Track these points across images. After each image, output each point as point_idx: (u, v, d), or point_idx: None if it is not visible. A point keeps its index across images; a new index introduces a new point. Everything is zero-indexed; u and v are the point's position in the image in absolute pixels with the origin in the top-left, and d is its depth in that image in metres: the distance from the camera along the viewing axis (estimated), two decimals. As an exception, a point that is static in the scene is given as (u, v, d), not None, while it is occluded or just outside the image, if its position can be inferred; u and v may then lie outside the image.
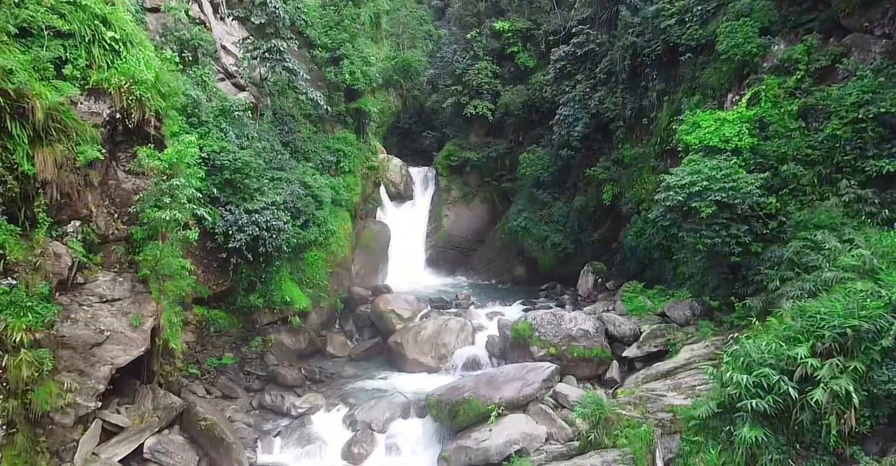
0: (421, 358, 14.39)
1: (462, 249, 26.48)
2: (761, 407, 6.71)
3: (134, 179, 7.73)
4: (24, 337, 6.09)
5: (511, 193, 25.03)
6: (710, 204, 10.56)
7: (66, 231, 6.97)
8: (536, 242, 22.01)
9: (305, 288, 16.03)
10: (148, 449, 8.70)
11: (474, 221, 26.71)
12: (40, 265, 6.48)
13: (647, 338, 11.15)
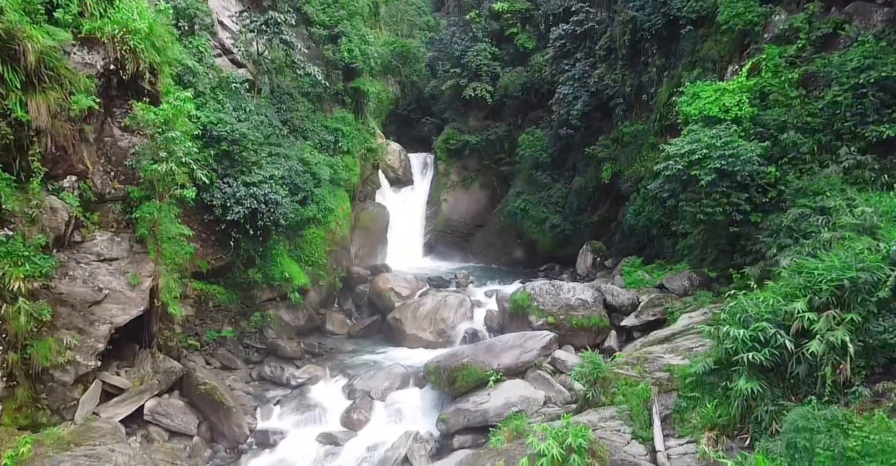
0: (420, 333, 14.45)
1: (461, 234, 26.45)
2: (757, 360, 6.74)
3: (130, 137, 7.67)
4: (22, 285, 6.08)
5: (510, 177, 24.97)
6: (709, 172, 10.54)
7: (62, 186, 6.92)
8: (535, 224, 22.01)
9: (304, 265, 16.03)
10: (148, 411, 8.75)
11: (473, 206, 26.66)
12: (37, 217, 6.44)
13: (646, 307, 11.19)
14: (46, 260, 6.58)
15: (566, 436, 6.21)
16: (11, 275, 5.99)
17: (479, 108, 26.16)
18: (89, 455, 7.42)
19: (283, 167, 14.29)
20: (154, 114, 7.10)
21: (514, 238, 23.58)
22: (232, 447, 9.41)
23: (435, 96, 30.39)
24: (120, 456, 7.69)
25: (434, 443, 9.26)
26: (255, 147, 13.13)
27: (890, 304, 6.46)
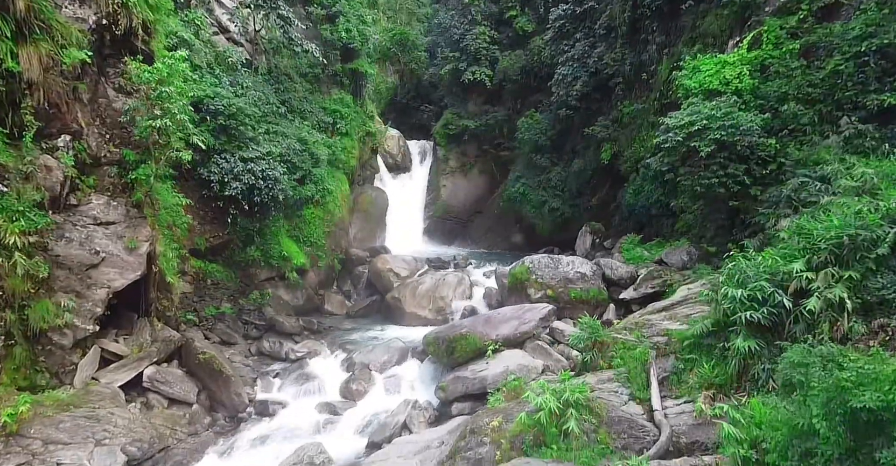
0: (419, 311, 14.48)
1: (460, 220, 26.44)
2: (755, 319, 6.75)
3: (125, 98, 7.59)
4: (18, 240, 6.04)
5: (509, 163, 24.89)
6: (709, 143, 10.48)
7: (57, 145, 6.85)
8: (534, 208, 21.98)
9: (303, 246, 16.02)
10: (147, 378, 8.76)
11: (472, 192, 26.62)
12: (31, 174, 6.39)
13: (644, 280, 11.19)
14: (42, 217, 6.54)
15: (563, 392, 6.23)
16: (7, 230, 5.95)
17: (477, 93, 26.01)
18: (89, 416, 7.45)
19: (281, 145, 14.22)
20: (148, 72, 7.02)
21: (513, 222, 23.56)
22: (231, 415, 9.44)
23: (434, 83, 30.20)
24: (120, 419, 7.73)
25: (433, 411, 9.29)
26: (253, 122, 13.04)
27: (889, 261, 6.45)
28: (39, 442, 6.93)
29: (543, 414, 6.02)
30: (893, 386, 3.70)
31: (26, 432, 6.85)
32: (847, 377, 3.88)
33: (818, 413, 4.01)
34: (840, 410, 3.87)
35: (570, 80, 18.57)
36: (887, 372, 3.79)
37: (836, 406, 3.88)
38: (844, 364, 4.03)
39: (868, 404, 3.68)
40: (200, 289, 13.45)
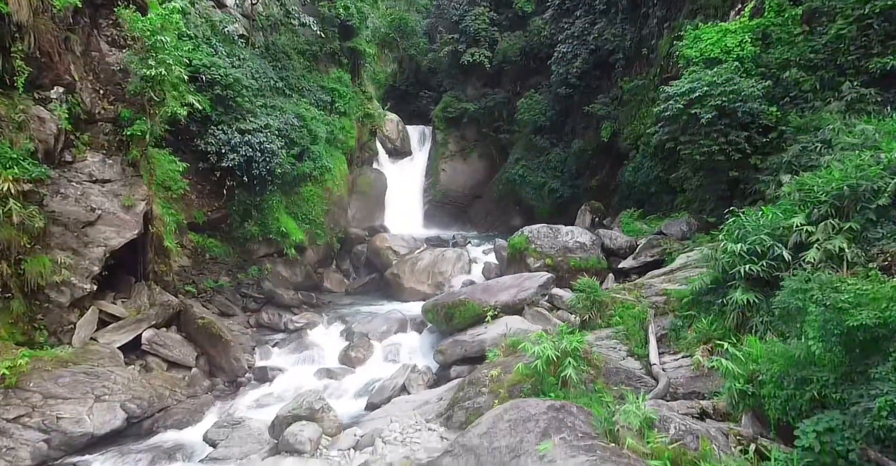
0: (418, 286, 14.47)
1: (459, 204, 26.36)
2: (754, 271, 6.75)
3: (118, 53, 7.50)
4: (12, 187, 5.99)
5: (509, 146, 24.73)
6: (709, 110, 10.41)
7: (50, 97, 6.78)
8: (534, 190, 21.90)
9: (301, 223, 15.97)
10: (146, 340, 8.76)
11: (471, 176, 26.49)
12: (24, 123, 6.32)
13: (644, 249, 11.18)
14: (36, 167, 6.49)
15: (561, 341, 6.22)
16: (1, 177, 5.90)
17: (477, 76, 25.77)
18: (88, 372, 7.46)
19: (279, 119, 14.11)
20: (142, 22, 6.92)
21: (512, 205, 23.51)
22: (231, 380, 9.47)
23: (433, 69, 29.92)
24: (119, 377, 7.74)
25: (432, 375, 9.32)
26: (250, 94, 12.93)
27: (889, 212, 6.42)
28: (39, 396, 6.94)
29: (541, 363, 6.01)
30: (890, 303, 3.69)
31: (25, 385, 6.87)
32: (845, 298, 3.86)
33: (815, 335, 4.01)
34: (837, 331, 3.86)
35: (569, 58, 18.42)
36: (885, 290, 3.78)
37: (833, 327, 3.87)
38: (842, 287, 4.01)
39: (865, 321, 3.67)
40: (199, 264, 13.43)
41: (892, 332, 3.67)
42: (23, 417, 6.71)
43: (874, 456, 3.53)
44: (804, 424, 4.04)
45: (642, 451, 4.09)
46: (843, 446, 3.80)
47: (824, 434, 3.90)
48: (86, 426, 7.03)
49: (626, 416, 4.31)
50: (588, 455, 3.81)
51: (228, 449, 6.30)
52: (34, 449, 6.60)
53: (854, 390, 3.88)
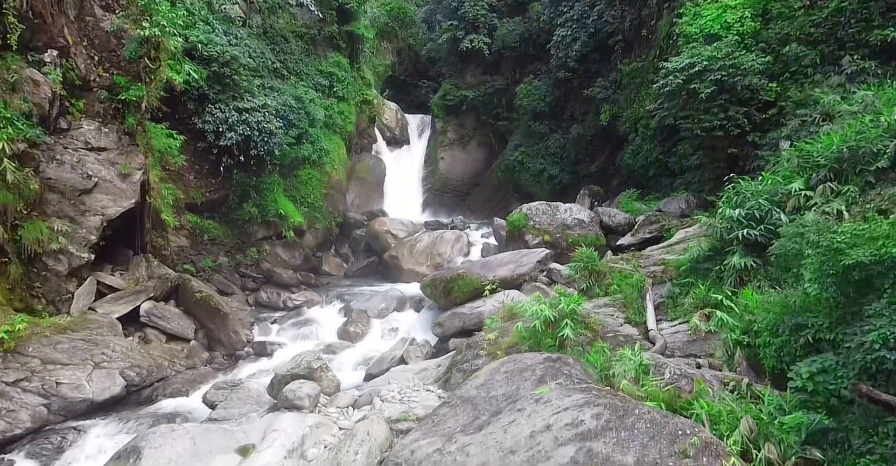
0: (416, 267, 14.48)
1: (458, 193, 26.32)
2: (752, 236, 6.74)
3: (112, 17, 7.44)
4: (6, 147, 5.97)
5: (508, 134, 24.66)
6: (709, 84, 10.37)
7: (44, 60, 6.74)
8: (533, 177, 21.86)
9: (300, 206, 15.97)
10: (144, 312, 8.77)
11: (470, 164, 26.43)
12: (17, 85, 6.28)
13: (642, 226, 11.18)
14: (31, 128, 6.46)
15: (559, 303, 6.23)
16: (-5, 137, 5.88)
17: (476, 63, 25.64)
18: (87, 339, 7.48)
19: (277, 100, 14.06)
20: (136, -15, 6.88)
21: (511, 192, 23.46)
22: (230, 353, 9.49)
23: (432, 59, 29.77)
24: (118, 346, 7.77)
25: (430, 348, 9.35)
26: (247, 73, 12.87)
27: (889, 174, 6.40)
28: (38, 361, 6.96)
29: (539, 323, 6.03)
30: (887, 240, 3.69)
31: (24, 350, 6.88)
32: (841, 239, 3.86)
33: (810, 277, 4.01)
34: (832, 271, 3.87)
35: (568, 42, 18.32)
36: (882, 228, 3.78)
37: (829, 268, 3.88)
38: (839, 229, 4.01)
39: (861, 259, 3.67)
40: (197, 244, 13.43)
41: (888, 269, 3.68)
42: (22, 381, 6.73)
43: (865, 390, 3.55)
44: (798, 366, 4.06)
45: (637, 394, 4.11)
46: (835, 385, 3.82)
47: (817, 374, 3.92)
48: (85, 392, 7.06)
49: (621, 363, 4.32)
50: (583, 394, 3.83)
51: (227, 410, 6.33)
52: (34, 413, 6.63)
53: (848, 330, 3.89)
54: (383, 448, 4.59)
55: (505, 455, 3.58)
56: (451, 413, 4.70)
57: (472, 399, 4.78)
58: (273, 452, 4.63)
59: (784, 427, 3.68)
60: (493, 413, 4.39)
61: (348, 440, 4.62)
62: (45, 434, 6.59)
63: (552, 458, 3.29)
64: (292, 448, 4.72)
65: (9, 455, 6.26)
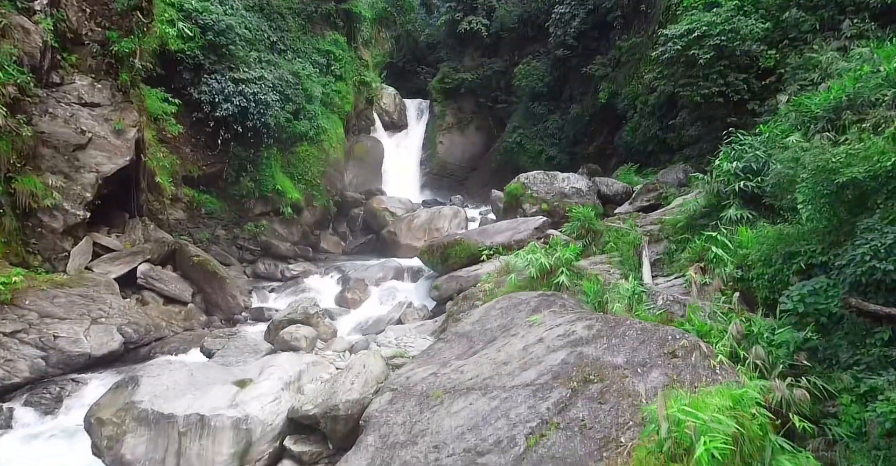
0: (414, 242, 14.46)
1: (456, 177, 26.28)
2: (748, 188, 6.74)
3: (105, -32, 7.35)
4: None
5: (506, 118, 24.59)
6: (708, 50, 10.32)
7: (34, 8, 6.66)
8: (531, 158, 21.81)
9: (298, 183, 15.92)
10: (141, 274, 8.77)
11: (469, 149, 26.36)
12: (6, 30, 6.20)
13: (640, 194, 11.17)
14: (22, 73, 6.41)
15: (555, 250, 6.24)
16: (-14, 81, 5.83)
17: (474, 46, 25.48)
18: (84, 295, 7.49)
19: (274, 74, 13.95)
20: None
21: (509, 175, 23.14)
22: (227, 318, 9.51)
23: (431, 45, 29.59)
24: (116, 303, 7.77)
25: (428, 312, 9.38)
26: (243, 44, 12.75)
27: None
28: (35, 314, 6.97)
29: (534, 271, 6.04)
30: (881, 156, 3.69)
31: (21, 302, 6.89)
32: (837, 159, 3.86)
33: (804, 199, 4.02)
34: (826, 191, 3.87)
35: (567, 19, 18.19)
36: (877, 145, 3.77)
37: (823, 188, 3.88)
38: (834, 150, 4.00)
39: (855, 175, 3.67)
40: (194, 218, 13.39)
41: (881, 185, 3.68)
42: (19, 333, 6.75)
43: (855, 303, 3.58)
44: (789, 290, 4.08)
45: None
46: (825, 305, 3.85)
47: (808, 295, 3.94)
48: (83, 346, 7.08)
49: (615, 291, 4.34)
50: (576, 315, 3.84)
51: (225, 358, 6.36)
52: (32, 364, 6.65)
53: (840, 251, 3.90)
54: (379, 379, 4.61)
55: (498, 366, 3.60)
56: (446, 347, 4.72)
57: (467, 333, 4.81)
58: (270, 384, 4.66)
59: (773, 342, 3.71)
60: (487, 341, 4.42)
61: (345, 372, 4.65)
62: (43, 385, 6.62)
63: (543, 362, 3.31)
64: (289, 381, 4.75)
65: (7, 404, 6.30)
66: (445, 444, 2.96)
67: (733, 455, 2.47)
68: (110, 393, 4.67)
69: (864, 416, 3.25)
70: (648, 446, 2.39)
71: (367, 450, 3.51)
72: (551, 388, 3.01)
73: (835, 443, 3.32)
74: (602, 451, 2.53)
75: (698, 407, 2.45)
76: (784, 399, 3.15)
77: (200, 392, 4.44)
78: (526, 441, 2.71)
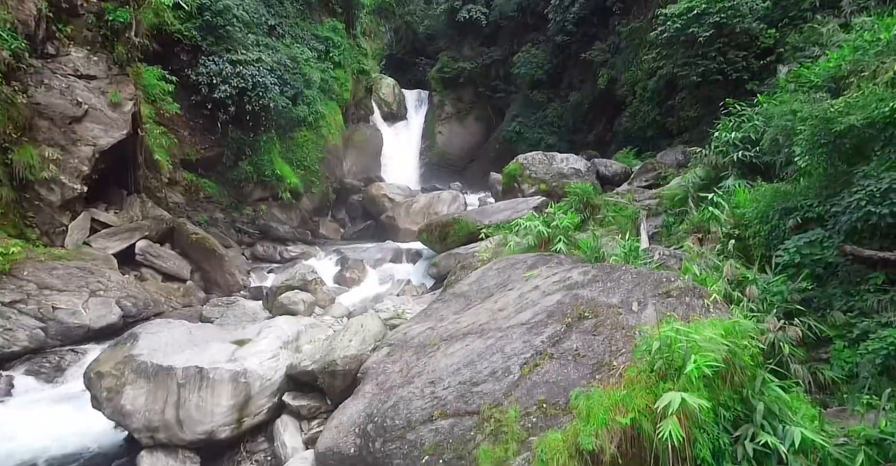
0: (413, 227, 14.44)
1: (456, 167, 26.24)
2: (746, 158, 6.74)
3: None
4: (-6, 57, 5.89)
5: (505, 108, 24.54)
6: (707, 28, 10.28)
7: (30, -24, 6.62)
8: (530, 147, 21.66)
9: (296, 169, 15.90)
10: (140, 250, 8.77)
11: (468, 138, 26.31)
12: (3, -3, 6.16)
13: (639, 174, 11.17)
14: (18, 39, 6.37)
15: (553, 219, 6.24)
16: (-19, 46, 5.79)
17: (473, 35, 25.35)
18: (83, 268, 7.49)
19: (272, 57, 13.89)
20: None
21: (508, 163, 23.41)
22: (226, 295, 9.51)
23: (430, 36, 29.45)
24: (114, 277, 7.77)
25: (426, 289, 9.39)
26: (241, 25, 12.68)
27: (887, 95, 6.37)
28: (34, 285, 6.97)
29: (531, 239, 6.04)
30: (879, 103, 3.68)
31: (19, 273, 6.89)
32: (835, 109, 3.85)
33: (801, 151, 4.01)
34: (824, 140, 3.87)
35: (566, 4, 18.10)
36: (875, 92, 3.76)
37: (821, 138, 3.88)
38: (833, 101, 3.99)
39: (853, 123, 3.66)
40: (193, 201, 13.37)
41: (879, 132, 3.68)
42: (18, 303, 6.76)
43: (850, 249, 3.58)
44: (786, 244, 4.09)
45: (627, 271, 4.13)
46: (821, 255, 3.86)
47: (804, 247, 3.95)
48: (82, 318, 7.09)
49: (612, 246, 4.35)
50: (573, 265, 3.85)
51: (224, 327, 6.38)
52: (31, 334, 6.66)
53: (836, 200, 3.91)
54: (377, 338, 4.63)
55: (494, 313, 3.62)
56: (443, 306, 4.74)
57: (464, 293, 4.82)
58: (268, 342, 4.67)
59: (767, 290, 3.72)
60: (484, 298, 4.43)
61: (342, 331, 4.66)
62: (42, 355, 6.64)
63: (539, 304, 3.32)
64: (287, 341, 4.77)
65: (7, 372, 6.32)
66: (441, 379, 2.97)
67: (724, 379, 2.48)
68: (109, 350, 4.68)
69: (856, 359, 3.27)
70: (640, 366, 2.41)
71: (364, 397, 3.53)
72: (546, 325, 3.02)
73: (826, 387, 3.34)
74: (595, 374, 2.55)
75: (691, 334, 2.46)
76: (777, 341, 3.16)
77: (199, 349, 4.46)
78: (520, 370, 2.73)
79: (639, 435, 2.24)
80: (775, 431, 2.41)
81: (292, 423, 4.27)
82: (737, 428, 2.44)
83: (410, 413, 2.79)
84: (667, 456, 2.19)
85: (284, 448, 4.09)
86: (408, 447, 2.59)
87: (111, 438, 5.04)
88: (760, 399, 2.51)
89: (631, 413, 2.22)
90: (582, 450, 2.17)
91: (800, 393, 2.87)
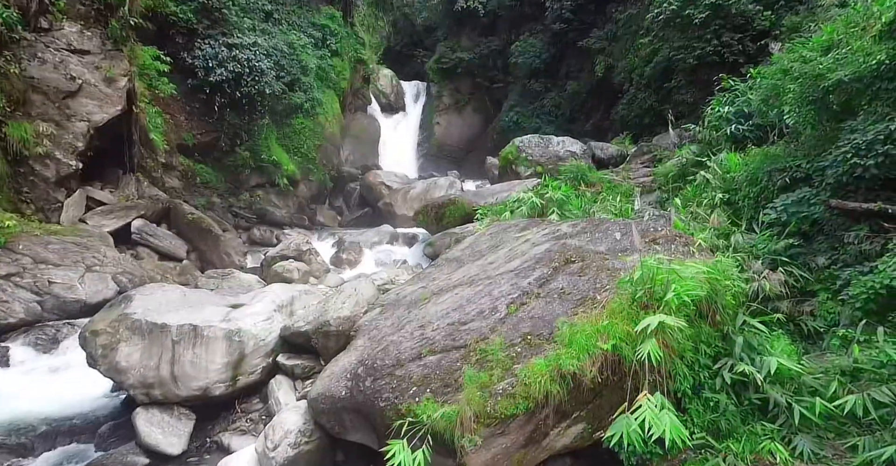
0: (410, 213, 14.47)
1: (454, 158, 26.24)
2: (739, 131, 6.78)
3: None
4: (-14, 26, 5.87)
5: (503, 99, 24.52)
6: (703, 9, 10.28)
7: (23, -52, 6.60)
8: (528, 137, 21.82)
9: (294, 156, 15.90)
10: (136, 229, 8.79)
11: (466, 129, 26.29)
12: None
13: (634, 157, 11.20)
14: (7, 7, 6.35)
15: (546, 190, 6.28)
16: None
17: (471, 25, 25.27)
18: (78, 243, 7.51)
19: (268, 42, 13.84)
20: None
21: (505, 149, 23.43)
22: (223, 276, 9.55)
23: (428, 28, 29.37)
24: (110, 253, 7.79)
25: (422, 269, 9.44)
26: (237, 9, 12.63)
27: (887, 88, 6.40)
28: (29, 259, 7.00)
29: (525, 209, 6.09)
30: (866, 57, 3.71)
31: (14, 247, 6.91)
32: (824, 65, 3.88)
33: (790, 109, 4.05)
34: (812, 97, 3.90)
35: (565, -8, 18.02)
36: (864, 46, 3.79)
37: (809, 94, 3.91)
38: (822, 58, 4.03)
39: (840, 77, 3.70)
40: (189, 187, 13.38)
41: (866, 87, 3.71)
42: (14, 276, 6.78)
43: (835, 203, 3.63)
44: (773, 203, 4.14)
45: (617, 230, 4.18)
46: (807, 212, 3.90)
47: (792, 205, 4.00)
48: (78, 293, 7.12)
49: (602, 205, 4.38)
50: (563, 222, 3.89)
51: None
52: (27, 307, 6.69)
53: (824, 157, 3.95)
54: (371, 301, 4.67)
55: (484, 266, 3.66)
56: (436, 270, 4.78)
57: (457, 257, 4.87)
58: (263, 305, 4.71)
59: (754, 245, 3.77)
60: (476, 259, 4.47)
61: (336, 294, 4.70)
62: (39, 328, 6.67)
63: (528, 254, 3.37)
64: (282, 305, 4.81)
65: (4, 343, 6.36)
66: (430, 323, 3.02)
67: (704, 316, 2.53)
68: (103, 311, 4.72)
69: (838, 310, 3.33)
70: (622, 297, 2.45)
71: (357, 350, 3.57)
72: (533, 269, 3.06)
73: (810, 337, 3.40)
74: (578, 308, 2.59)
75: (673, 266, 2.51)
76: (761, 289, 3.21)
77: (194, 310, 4.49)
78: (507, 308, 2.77)
79: (619, 361, 2.28)
80: (753, 362, 2.46)
81: (286, 382, 4.33)
82: (717, 363, 2.49)
83: (400, 353, 2.84)
84: (644, 381, 2.24)
85: (279, 405, 4.14)
86: (396, 381, 2.64)
87: (108, 401, 5.09)
88: (741, 335, 2.56)
89: (612, 339, 2.26)
90: (564, 373, 2.22)
91: (780, 335, 2.93)
